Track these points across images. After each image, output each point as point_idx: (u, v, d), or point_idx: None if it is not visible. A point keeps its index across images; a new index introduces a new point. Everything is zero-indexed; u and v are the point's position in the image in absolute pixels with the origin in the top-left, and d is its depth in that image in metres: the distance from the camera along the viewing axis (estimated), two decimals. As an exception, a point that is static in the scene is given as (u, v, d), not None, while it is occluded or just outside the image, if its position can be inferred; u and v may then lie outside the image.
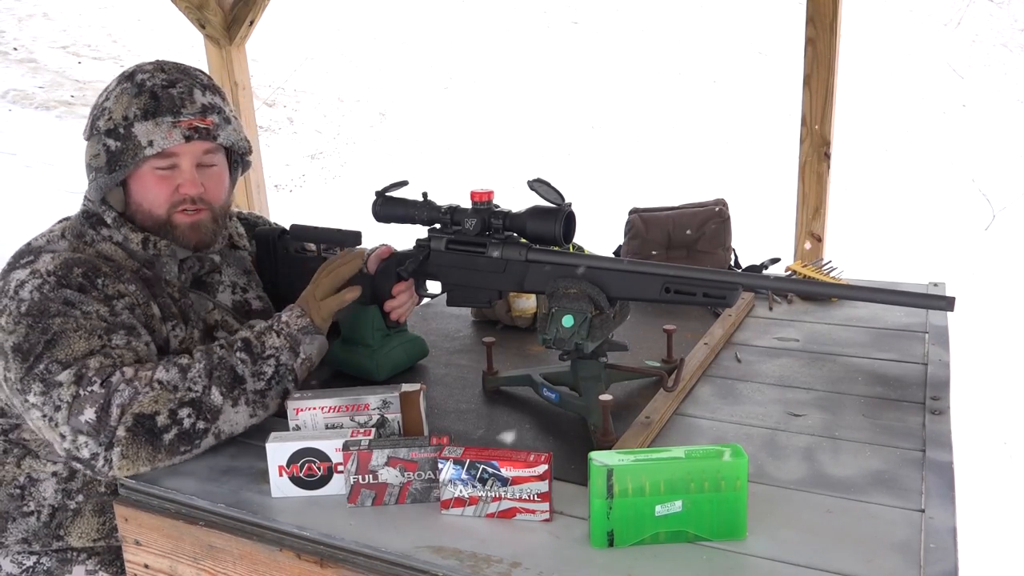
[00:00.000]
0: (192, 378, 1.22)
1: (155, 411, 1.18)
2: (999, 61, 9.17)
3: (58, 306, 1.24)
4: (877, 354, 1.54)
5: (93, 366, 1.20)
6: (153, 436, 1.17)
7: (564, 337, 1.22)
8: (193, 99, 1.37)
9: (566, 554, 0.98)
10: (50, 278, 1.26)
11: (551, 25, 11.10)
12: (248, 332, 1.31)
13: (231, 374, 1.24)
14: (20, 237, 1.47)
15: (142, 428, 1.17)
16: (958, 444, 1.23)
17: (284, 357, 1.29)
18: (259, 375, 1.27)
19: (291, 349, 1.30)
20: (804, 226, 2.61)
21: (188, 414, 1.20)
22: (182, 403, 1.19)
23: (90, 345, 1.22)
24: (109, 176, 1.35)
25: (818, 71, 2.48)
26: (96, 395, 1.17)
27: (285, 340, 1.31)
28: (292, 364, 1.30)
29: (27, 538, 1.37)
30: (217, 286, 1.50)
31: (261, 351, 1.28)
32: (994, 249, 5.95)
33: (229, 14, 3.30)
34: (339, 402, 1.20)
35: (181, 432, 1.19)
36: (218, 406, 1.22)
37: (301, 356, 1.31)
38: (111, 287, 1.30)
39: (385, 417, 1.20)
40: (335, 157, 8.78)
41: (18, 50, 8.97)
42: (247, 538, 1.08)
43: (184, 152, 1.37)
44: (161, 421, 1.18)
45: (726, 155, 8.21)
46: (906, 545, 0.97)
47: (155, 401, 1.18)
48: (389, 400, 1.20)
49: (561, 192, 1.25)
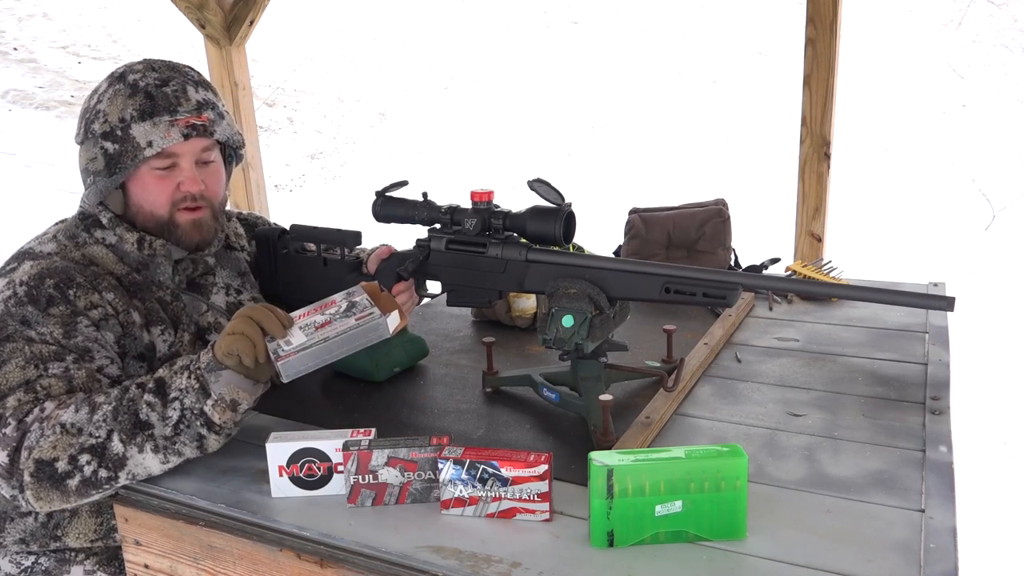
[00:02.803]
0: (96, 422, 1.14)
1: (54, 457, 1.13)
2: (999, 61, 9.17)
3: (15, 326, 1.23)
4: (877, 354, 1.54)
5: (11, 404, 1.16)
6: (56, 481, 1.13)
7: (564, 337, 1.22)
8: (188, 96, 1.35)
9: (566, 554, 0.98)
10: (20, 288, 1.26)
11: (551, 25, 11.10)
12: (166, 370, 1.19)
13: (133, 419, 1.14)
14: (20, 237, 1.47)
15: (44, 474, 1.13)
16: (958, 444, 1.23)
17: (189, 400, 1.15)
18: (165, 420, 1.15)
19: (201, 390, 1.15)
20: (804, 226, 2.61)
21: (88, 461, 1.13)
22: (82, 449, 1.13)
23: (25, 375, 1.19)
24: (109, 179, 1.34)
25: (818, 71, 2.48)
26: (9, 438, 1.14)
27: (194, 380, 1.16)
28: (200, 407, 1.15)
29: (24, 538, 1.36)
30: (211, 288, 1.49)
31: (167, 393, 1.16)
32: (994, 249, 5.95)
33: (229, 14, 3.30)
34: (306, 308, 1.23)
35: (84, 479, 1.14)
36: (120, 454, 1.14)
37: (213, 397, 1.15)
38: (83, 299, 1.28)
39: (352, 300, 1.23)
40: (335, 157, 8.78)
41: (18, 50, 8.97)
42: (247, 538, 1.08)
43: (183, 151, 1.36)
44: (61, 467, 1.13)
45: (726, 155, 8.21)
46: (906, 545, 0.97)
47: (54, 447, 1.13)
48: (352, 291, 1.25)
49: (561, 192, 1.25)
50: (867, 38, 8.84)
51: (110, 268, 1.36)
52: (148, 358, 1.35)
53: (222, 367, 1.16)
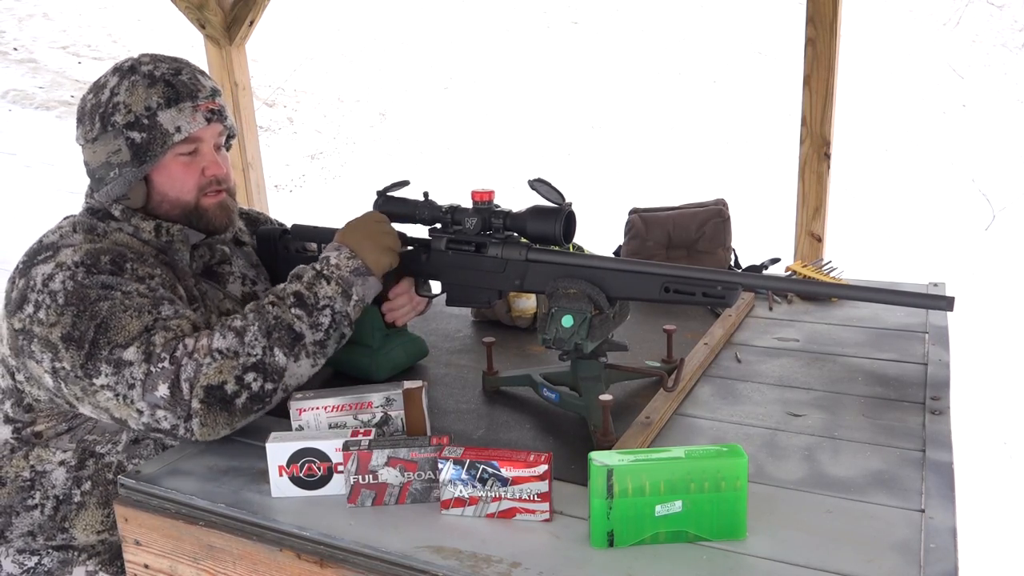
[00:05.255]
0: (250, 342, 1.22)
1: (222, 381, 1.20)
2: (999, 61, 9.17)
3: (98, 291, 1.24)
4: (877, 354, 1.54)
5: (159, 342, 1.21)
6: (226, 403, 1.20)
7: (564, 337, 1.22)
8: (202, 84, 1.41)
9: (566, 554, 0.98)
10: (79, 268, 1.26)
11: (551, 25, 11.10)
12: (297, 284, 1.29)
13: (290, 333, 1.24)
14: (20, 237, 1.47)
15: (215, 398, 1.19)
16: (958, 444, 1.23)
17: (338, 304, 1.29)
18: (317, 327, 1.27)
19: (344, 294, 1.29)
20: (804, 226, 2.61)
21: (254, 378, 1.22)
22: (246, 368, 1.21)
23: (143, 322, 1.23)
24: (138, 168, 1.36)
25: (818, 71, 2.48)
26: (167, 371, 1.19)
27: (337, 285, 1.29)
28: (346, 309, 1.30)
29: (32, 531, 1.37)
30: (228, 277, 1.52)
31: (315, 302, 1.27)
32: (994, 249, 5.95)
33: (229, 14, 3.30)
34: (342, 401, 1.19)
35: (251, 395, 1.22)
36: (282, 366, 1.24)
37: (354, 299, 1.30)
38: (141, 269, 1.31)
39: (388, 415, 1.20)
40: (335, 157, 8.79)
41: (18, 50, 8.97)
42: (247, 538, 1.08)
43: (206, 136, 1.40)
44: (231, 389, 1.20)
45: (726, 155, 8.21)
46: (906, 545, 0.97)
47: (219, 371, 1.20)
48: (392, 397, 1.20)
49: (561, 192, 1.25)
50: (867, 38, 8.84)
51: (144, 250, 1.38)
52: None
53: (372, 274, 1.32)
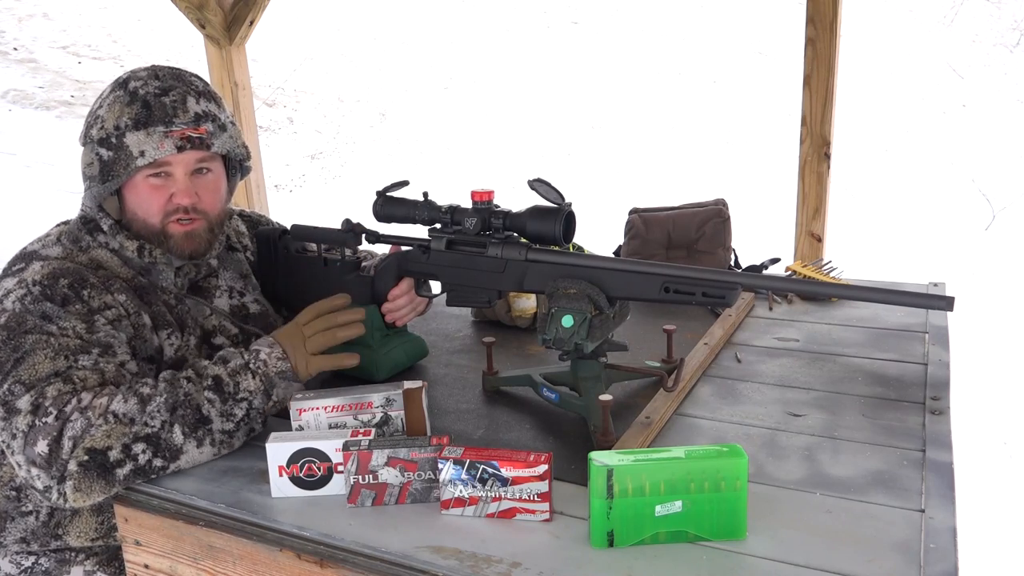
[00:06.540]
0: (151, 412, 1.16)
1: (107, 446, 1.13)
2: (999, 61, 9.17)
3: (35, 320, 1.22)
4: (877, 354, 1.54)
5: (51, 394, 1.16)
6: (105, 471, 1.14)
7: (564, 337, 1.22)
8: (186, 107, 1.34)
9: (566, 554, 0.98)
10: (35, 288, 1.25)
11: (551, 25, 11.10)
12: (220, 368, 1.24)
13: (196, 413, 1.18)
14: (20, 237, 1.47)
15: (94, 463, 1.13)
16: (958, 444, 1.23)
17: (257, 401, 1.23)
18: (228, 416, 1.21)
19: (265, 392, 1.24)
20: (804, 226, 2.61)
21: (143, 449, 1.15)
22: (137, 438, 1.15)
23: (55, 366, 1.18)
24: (103, 185, 1.34)
25: (818, 71, 2.48)
26: (50, 426, 1.14)
27: (260, 382, 1.24)
28: (264, 407, 1.25)
29: (25, 537, 1.36)
30: (214, 291, 1.49)
31: (234, 392, 1.22)
32: (994, 249, 5.95)
33: (229, 14, 3.30)
34: (342, 401, 1.19)
35: (136, 468, 1.15)
36: (179, 445, 1.17)
37: (273, 399, 1.25)
38: (97, 299, 1.28)
39: (388, 415, 1.20)
40: (335, 157, 8.78)
41: (18, 50, 8.97)
42: (247, 538, 1.08)
43: (177, 161, 1.34)
44: (114, 456, 1.14)
45: (726, 155, 8.21)
46: (906, 545, 0.97)
47: (108, 435, 1.13)
48: (392, 397, 1.20)
49: (561, 192, 1.25)
50: (867, 38, 8.84)
51: (116, 272, 1.36)
52: (156, 361, 1.35)
53: (297, 380, 1.28)
